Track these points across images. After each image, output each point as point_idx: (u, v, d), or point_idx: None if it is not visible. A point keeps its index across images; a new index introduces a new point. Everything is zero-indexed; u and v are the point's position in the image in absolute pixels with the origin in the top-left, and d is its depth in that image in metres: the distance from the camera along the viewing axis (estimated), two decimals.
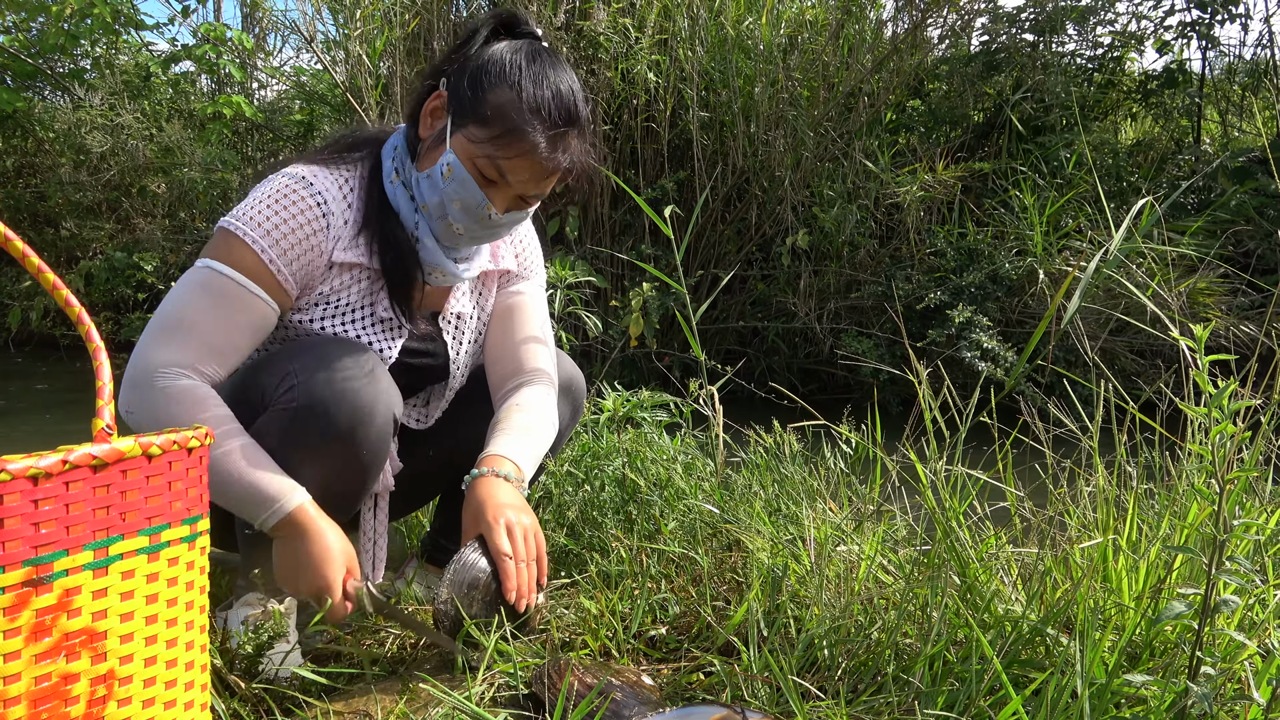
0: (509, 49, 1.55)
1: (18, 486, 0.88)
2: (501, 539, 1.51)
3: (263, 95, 8.30)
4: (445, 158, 1.53)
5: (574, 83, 1.57)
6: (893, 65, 5.94)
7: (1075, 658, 1.15)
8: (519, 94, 1.50)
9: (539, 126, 1.50)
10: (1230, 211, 5.36)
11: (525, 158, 1.51)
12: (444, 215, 1.57)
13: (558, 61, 1.57)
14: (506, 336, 1.80)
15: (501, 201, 1.56)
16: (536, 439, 1.69)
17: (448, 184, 1.53)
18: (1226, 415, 1.14)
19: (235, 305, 1.48)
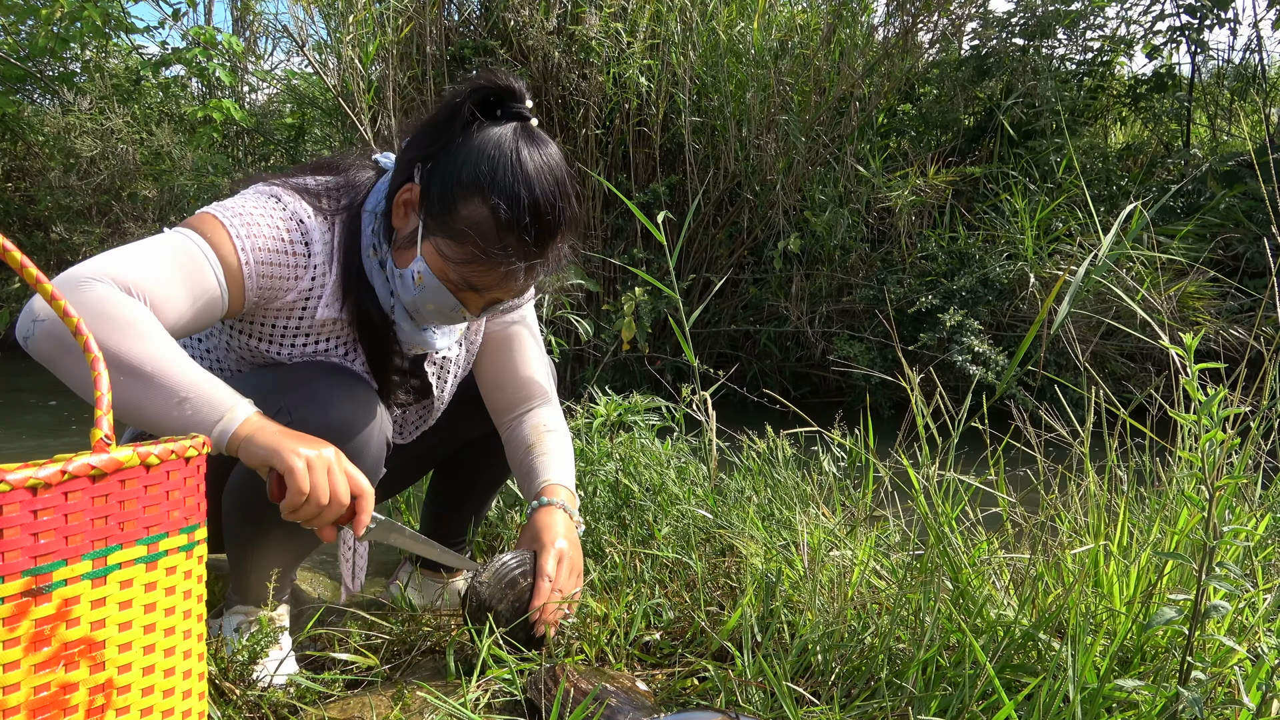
0: (490, 146, 1.39)
1: (17, 497, 0.88)
2: (550, 562, 1.55)
3: (253, 99, 8.29)
4: (416, 265, 1.44)
5: (558, 184, 1.41)
6: (884, 70, 5.97)
7: (1067, 663, 1.16)
8: (493, 212, 1.37)
9: (514, 249, 1.39)
10: (1219, 215, 5.39)
11: (499, 276, 1.42)
12: (418, 311, 1.51)
13: (543, 152, 1.42)
14: (512, 363, 1.78)
15: (475, 305, 1.49)
16: (570, 456, 1.76)
17: (419, 291, 1.45)
18: (1216, 422, 1.16)
19: (195, 273, 1.34)
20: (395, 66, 5.93)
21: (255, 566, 1.54)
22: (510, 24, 5.95)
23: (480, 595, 1.52)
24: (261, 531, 1.48)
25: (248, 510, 1.46)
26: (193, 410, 1.21)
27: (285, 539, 1.49)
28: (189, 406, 1.21)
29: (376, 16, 5.75)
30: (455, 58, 6.32)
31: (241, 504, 1.47)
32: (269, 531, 1.47)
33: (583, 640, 1.55)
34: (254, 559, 1.54)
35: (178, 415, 1.21)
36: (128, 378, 1.19)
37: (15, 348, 5.36)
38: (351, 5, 5.64)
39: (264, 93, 8.33)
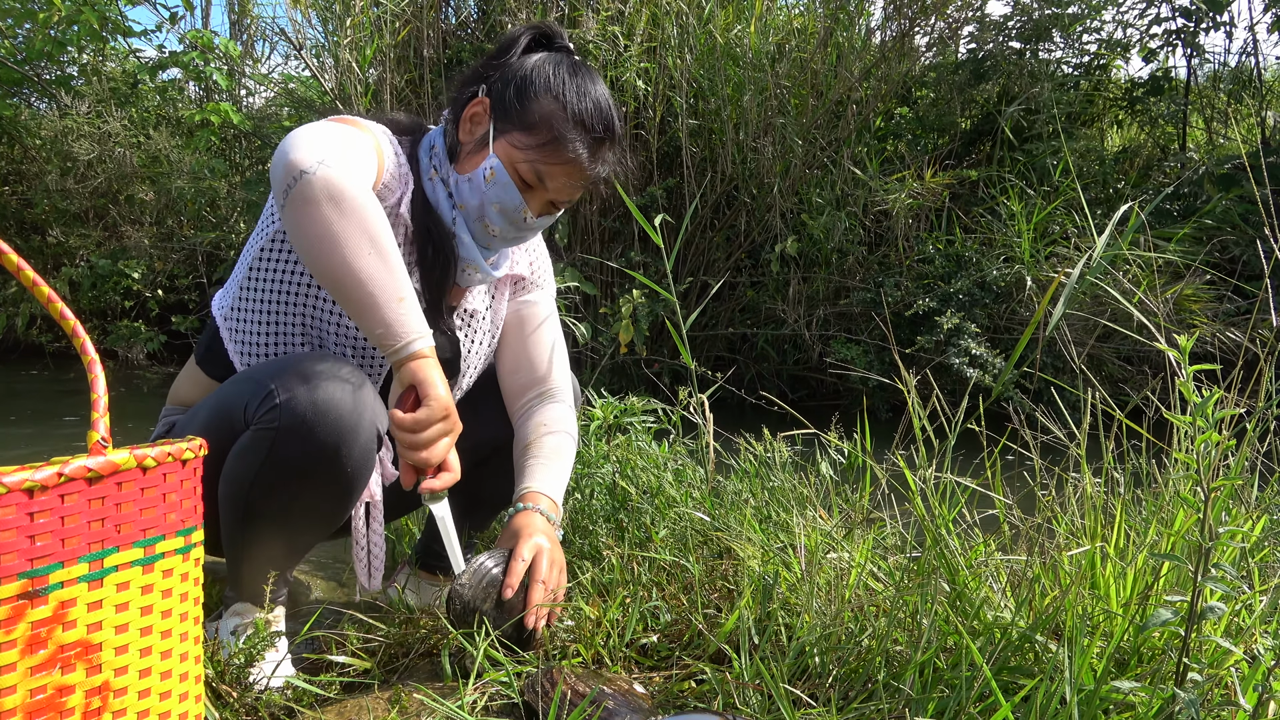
0: (549, 61, 1.62)
1: (13, 499, 0.88)
2: (526, 550, 1.57)
3: (251, 102, 8.29)
4: (489, 161, 1.59)
5: (609, 96, 1.64)
6: (881, 73, 5.98)
7: (1064, 664, 1.16)
8: (563, 105, 1.58)
9: (581, 137, 1.58)
10: (1216, 218, 5.40)
11: (567, 165, 1.59)
12: (481, 217, 1.63)
13: (593, 75, 1.64)
14: (524, 346, 1.85)
15: (536, 205, 1.63)
16: (564, 462, 1.77)
17: (489, 187, 1.60)
18: (1211, 424, 1.16)
19: (373, 164, 1.50)
20: (392, 70, 5.94)
21: (255, 562, 1.53)
22: (507, 27, 5.95)
23: (464, 598, 1.51)
24: (250, 511, 1.46)
25: (247, 506, 1.46)
26: (405, 311, 1.35)
27: (275, 521, 1.48)
28: (405, 307, 1.35)
29: (374, 20, 5.76)
30: (452, 61, 6.33)
31: (235, 486, 1.45)
32: (257, 510, 1.46)
33: (579, 643, 1.55)
34: (246, 545, 1.52)
35: (392, 309, 1.34)
36: (374, 253, 1.33)
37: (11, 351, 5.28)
38: (349, 8, 5.65)
39: (261, 96, 8.34)
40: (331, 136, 1.43)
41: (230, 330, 1.65)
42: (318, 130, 1.44)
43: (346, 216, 1.32)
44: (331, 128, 1.47)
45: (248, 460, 1.42)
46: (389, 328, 1.34)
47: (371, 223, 1.34)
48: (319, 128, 1.45)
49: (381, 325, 1.33)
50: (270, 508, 1.45)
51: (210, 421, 1.49)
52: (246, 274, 1.63)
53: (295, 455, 1.41)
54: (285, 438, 1.40)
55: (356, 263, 1.31)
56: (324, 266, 1.33)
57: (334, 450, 1.42)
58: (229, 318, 1.66)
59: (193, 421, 1.56)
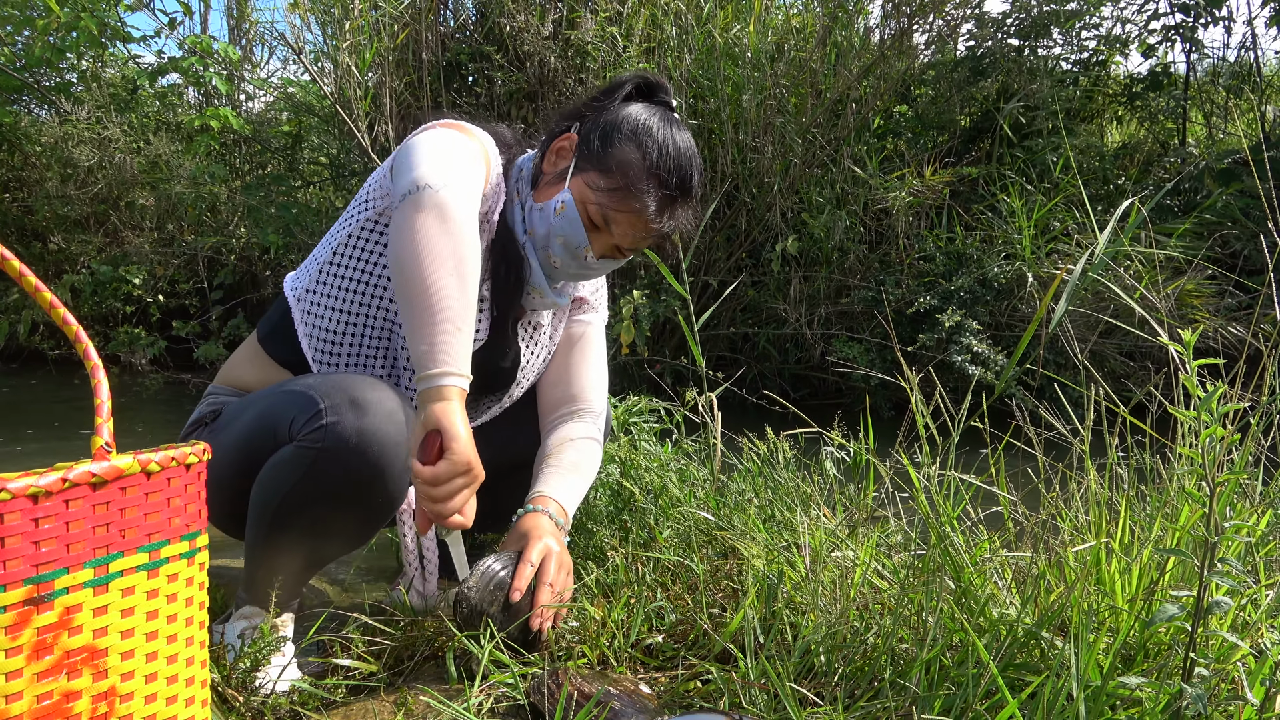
0: (644, 112, 1.65)
1: (18, 505, 0.88)
2: (535, 552, 1.56)
3: (250, 107, 8.29)
4: (562, 195, 1.62)
5: (694, 155, 1.66)
6: (880, 71, 5.97)
7: (1070, 660, 1.16)
8: (643, 155, 1.60)
9: (653, 190, 1.60)
10: (1217, 213, 5.40)
11: (632, 215, 1.60)
12: (546, 247, 1.65)
13: (684, 132, 1.66)
14: (569, 362, 1.87)
15: (599, 247, 1.65)
16: (583, 478, 1.77)
17: (557, 220, 1.62)
18: (1216, 419, 1.16)
19: (482, 173, 1.55)
20: (392, 73, 5.94)
21: (273, 567, 1.53)
22: (506, 29, 5.95)
23: (470, 601, 1.51)
24: (277, 522, 1.47)
25: (266, 493, 1.46)
26: (456, 342, 1.33)
27: (300, 534, 1.49)
28: (459, 338, 1.33)
29: (373, 23, 5.76)
30: (451, 64, 6.33)
31: (267, 494, 1.46)
32: (286, 523, 1.46)
33: (585, 644, 1.55)
34: (268, 554, 1.52)
35: (448, 335, 1.32)
36: (456, 275, 1.34)
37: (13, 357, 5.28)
38: (348, 12, 5.65)
39: (261, 101, 8.34)
40: (458, 156, 1.48)
41: (303, 312, 1.66)
42: (447, 145, 1.49)
43: (447, 235, 1.35)
44: (456, 142, 1.52)
45: (284, 474, 1.43)
46: (434, 349, 1.32)
47: (466, 249, 1.36)
48: (448, 141, 1.51)
49: (428, 343, 1.32)
50: (298, 523, 1.46)
51: (254, 424, 1.50)
52: (329, 258, 1.64)
53: (333, 479, 1.41)
54: (326, 460, 1.40)
55: (435, 275, 1.32)
56: (404, 268, 1.34)
57: (370, 480, 1.43)
58: (302, 299, 1.66)
59: (236, 420, 1.57)
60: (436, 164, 1.43)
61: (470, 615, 1.50)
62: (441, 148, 1.49)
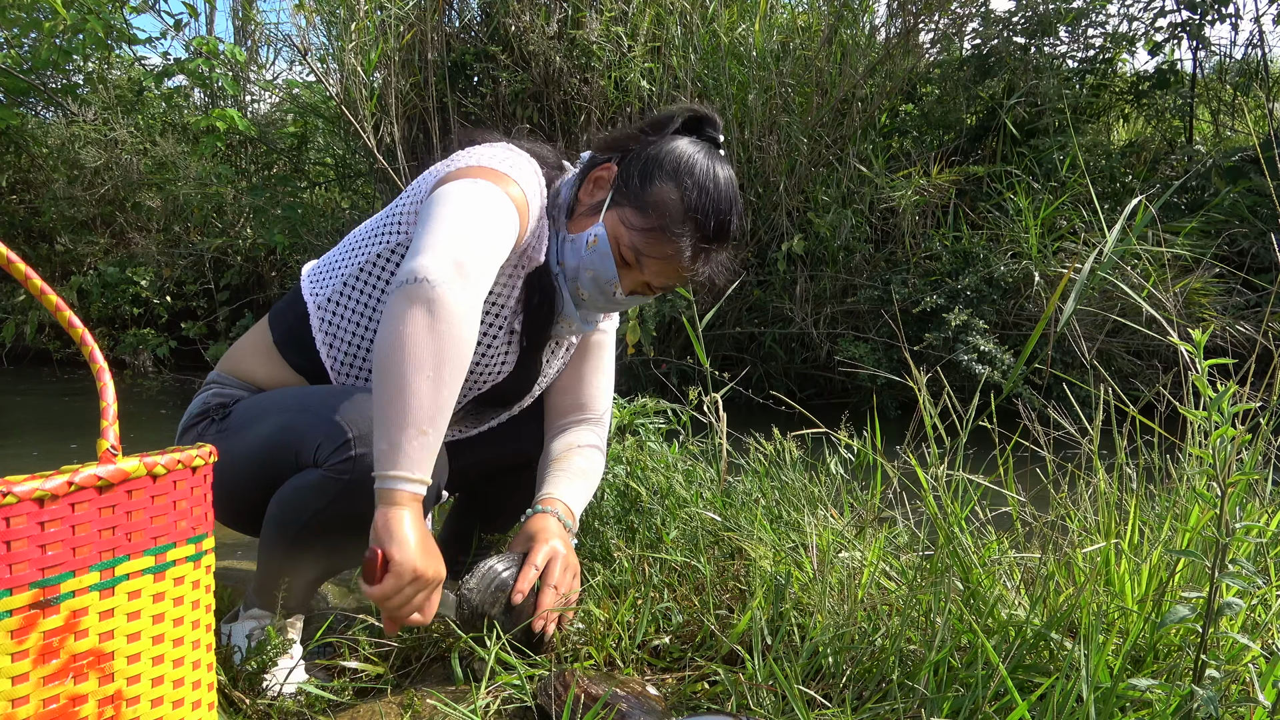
0: (689, 148, 1.59)
1: (24, 509, 0.88)
2: (540, 555, 1.55)
3: (256, 108, 8.31)
4: (595, 229, 1.57)
5: (735, 198, 1.60)
6: (885, 70, 5.96)
7: (1080, 662, 1.16)
8: (683, 197, 1.54)
9: (690, 234, 1.54)
10: (1224, 211, 5.38)
11: (666, 258, 1.55)
12: (575, 279, 1.61)
13: (728, 172, 1.60)
14: (580, 371, 1.85)
15: (629, 284, 1.60)
16: (589, 484, 1.76)
17: (589, 253, 1.57)
18: (1226, 418, 1.15)
19: (510, 230, 1.46)
20: (397, 73, 5.95)
21: (284, 575, 1.53)
22: (511, 29, 5.95)
23: (472, 603, 1.50)
24: (308, 545, 1.47)
25: (287, 513, 1.45)
26: (419, 445, 1.27)
27: (319, 552, 1.49)
28: (423, 441, 1.27)
29: (378, 24, 5.76)
30: (456, 64, 6.33)
31: (288, 514, 1.46)
32: (304, 541, 1.47)
33: (591, 645, 1.55)
34: (283, 566, 1.52)
35: (412, 436, 1.26)
36: (432, 379, 1.28)
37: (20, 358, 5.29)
38: (353, 13, 5.65)
39: (266, 102, 8.35)
40: (482, 227, 1.40)
41: (322, 320, 1.61)
42: (476, 210, 1.41)
43: (433, 336, 1.28)
44: (488, 205, 1.43)
45: (309, 499, 1.42)
46: (394, 449, 1.26)
47: (450, 351, 1.29)
48: (480, 204, 1.42)
49: (389, 443, 1.26)
50: (319, 545, 1.46)
51: (275, 440, 1.47)
52: (356, 272, 1.59)
53: (359, 510, 1.38)
54: (354, 491, 1.38)
55: (410, 376, 1.27)
56: (382, 362, 1.29)
57: None
58: (324, 308, 1.61)
59: (253, 428, 1.52)
60: (450, 246, 1.34)
61: (471, 617, 1.50)
62: (469, 215, 1.40)
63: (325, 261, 1.69)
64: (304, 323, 1.63)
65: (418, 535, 1.28)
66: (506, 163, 1.53)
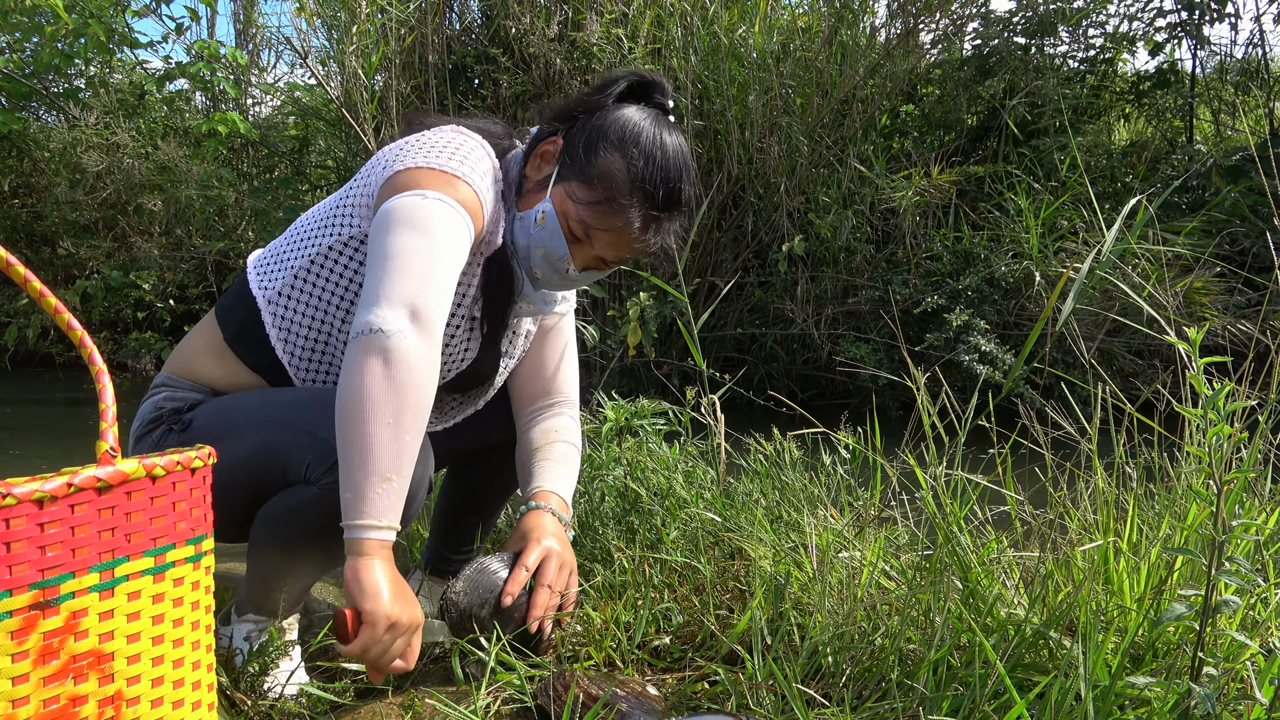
0: (635, 116, 1.54)
1: (24, 510, 0.88)
2: (532, 557, 1.54)
3: (257, 111, 8.32)
4: (542, 205, 1.53)
5: (685, 165, 1.55)
6: (886, 71, 5.96)
7: (1078, 660, 1.16)
8: (629, 166, 1.50)
9: (638, 205, 1.50)
10: (1225, 210, 5.38)
11: (615, 230, 1.51)
12: (528, 258, 1.58)
13: (677, 138, 1.56)
14: (542, 356, 1.82)
15: (581, 259, 1.56)
16: (573, 470, 1.75)
17: (538, 230, 1.54)
18: (1223, 416, 1.15)
19: (462, 241, 1.43)
20: (398, 76, 5.95)
21: (279, 584, 1.53)
22: (511, 32, 5.96)
23: (459, 606, 1.49)
24: (297, 553, 1.48)
25: (287, 531, 1.45)
26: (382, 493, 1.26)
27: (314, 563, 1.50)
28: (386, 488, 1.26)
29: (379, 27, 5.77)
30: (457, 66, 6.34)
31: (281, 532, 1.45)
32: (300, 554, 1.47)
33: (591, 645, 1.55)
34: (280, 576, 1.52)
35: (375, 485, 1.26)
36: (392, 427, 1.27)
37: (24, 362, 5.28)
38: (354, 16, 5.66)
39: (268, 105, 8.36)
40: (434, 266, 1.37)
41: (274, 315, 1.57)
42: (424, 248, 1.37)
43: (390, 386, 1.27)
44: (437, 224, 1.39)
45: (305, 515, 1.41)
46: (360, 499, 1.26)
47: (409, 400, 1.28)
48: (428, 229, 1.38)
49: (352, 492, 1.26)
50: (315, 554, 1.47)
51: (259, 457, 1.44)
52: (307, 264, 1.55)
53: None
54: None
55: (370, 427, 1.26)
56: (343, 413, 1.28)
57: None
58: (275, 302, 1.57)
59: (227, 441, 1.44)
60: (404, 292, 1.32)
61: (460, 619, 1.49)
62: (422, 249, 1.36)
63: (272, 251, 1.64)
64: (256, 318, 1.58)
65: (390, 583, 1.27)
66: (457, 156, 1.49)
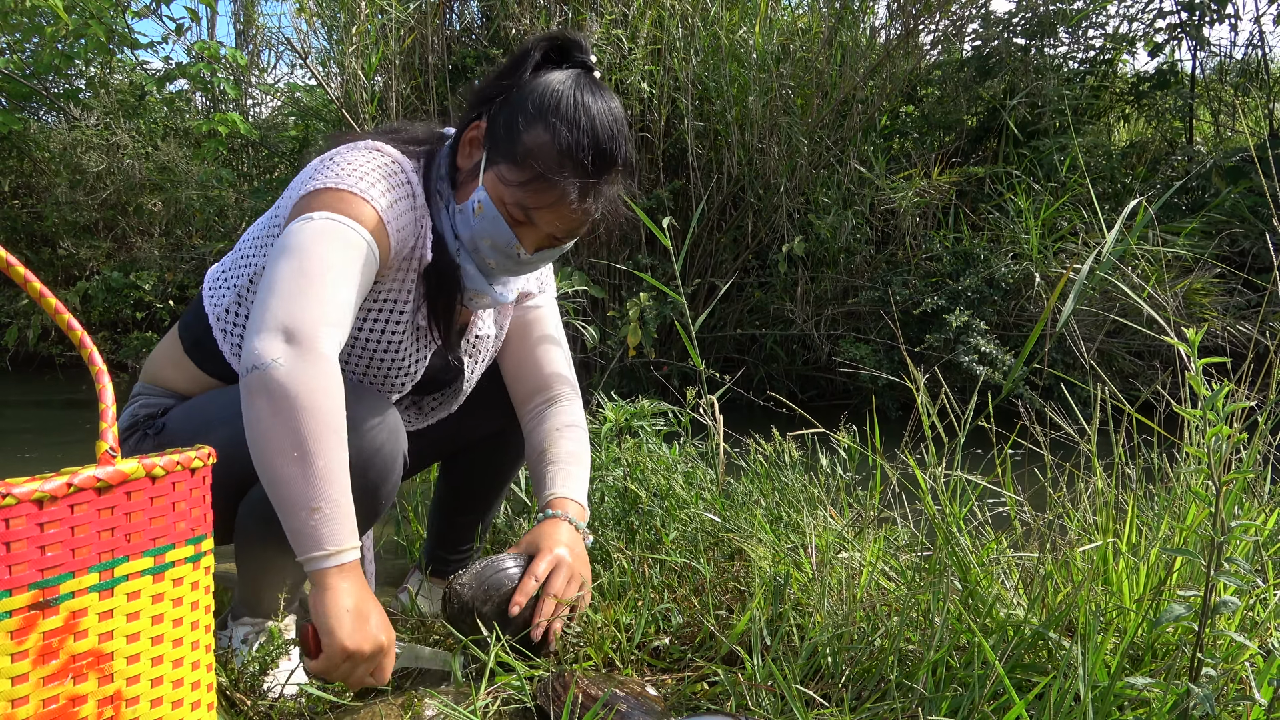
0: (555, 83, 1.48)
1: (23, 510, 0.88)
2: (543, 566, 1.53)
3: (258, 112, 8.32)
4: (477, 194, 1.49)
5: (616, 122, 1.49)
6: (886, 71, 5.96)
7: (1077, 661, 1.16)
8: (554, 137, 1.44)
9: (571, 175, 1.45)
10: (1224, 211, 5.38)
11: (553, 207, 1.47)
12: (475, 249, 1.55)
13: (602, 96, 1.49)
14: (530, 353, 1.80)
15: (531, 241, 1.52)
16: (583, 466, 1.73)
17: (478, 221, 1.50)
18: (1222, 417, 1.15)
19: (357, 260, 1.39)
20: (398, 77, 5.95)
21: (268, 583, 1.53)
22: (511, 32, 5.96)
23: (462, 598, 1.49)
24: (280, 549, 1.47)
25: (266, 526, 1.45)
26: (315, 523, 1.25)
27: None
28: (317, 517, 1.25)
29: (379, 28, 5.77)
30: (457, 67, 6.34)
31: (260, 520, 1.45)
32: (284, 544, 1.46)
33: (591, 646, 1.55)
34: (267, 575, 1.53)
35: (304, 519, 1.25)
36: (297, 459, 1.24)
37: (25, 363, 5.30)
38: (354, 17, 5.66)
39: (268, 105, 8.36)
40: (316, 285, 1.33)
41: (225, 332, 1.58)
42: (306, 270, 1.33)
43: (279, 421, 1.25)
44: (330, 254, 1.36)
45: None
46: (296, 535, 1.26)
47: (306, 429, 1.25)
48: (313, 257, 1.34)
49: (290, 530, 1.26)
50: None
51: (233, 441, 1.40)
52: (247, 284, 1.55)
53: None
54: None
55: (276, 466, 1.25)
56: (254, 456, 1.27)
57: (375, 489, 1.45)
58: (223, 319, 1.58)
59: (209, 436, 1.45)
60: (279, 317, 1.29)
61: (460, 612, 1.49)
62: (303, 272, 1.33)
63: (223, 267, 1.65)
64: (209, 334, 1.60)
65: (349, 613, 1.26)
66: (358, 173, 1.45)
